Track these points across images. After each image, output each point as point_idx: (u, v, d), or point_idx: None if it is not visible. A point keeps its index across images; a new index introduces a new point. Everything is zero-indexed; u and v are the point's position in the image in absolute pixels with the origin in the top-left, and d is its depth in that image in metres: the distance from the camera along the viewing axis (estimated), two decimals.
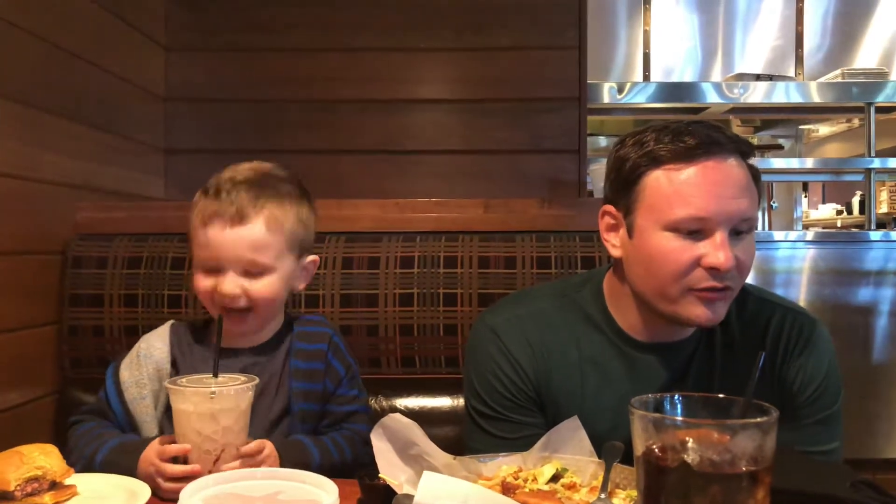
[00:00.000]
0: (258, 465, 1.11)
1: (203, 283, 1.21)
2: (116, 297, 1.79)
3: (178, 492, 0.83)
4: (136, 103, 2.36)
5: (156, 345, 1.30)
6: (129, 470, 1.10)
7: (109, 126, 2.15)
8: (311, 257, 1.33)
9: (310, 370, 1.30)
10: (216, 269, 1.20)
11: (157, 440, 1.11)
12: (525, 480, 1.05)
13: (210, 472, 1.04)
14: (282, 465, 1.13)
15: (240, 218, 1.18)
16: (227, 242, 1.18)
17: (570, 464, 1.09)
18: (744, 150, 1.16)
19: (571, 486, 1.04)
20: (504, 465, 1.10)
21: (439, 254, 1.82)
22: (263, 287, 1.21)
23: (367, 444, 1.25)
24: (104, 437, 1.19)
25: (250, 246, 1.18)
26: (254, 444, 1.12)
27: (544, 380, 1.26)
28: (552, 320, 1.29)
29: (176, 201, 2.33)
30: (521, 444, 1.18)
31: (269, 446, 1.14)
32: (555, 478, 1.06)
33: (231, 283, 1.18)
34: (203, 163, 2.51)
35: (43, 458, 1.01)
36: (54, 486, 1.01)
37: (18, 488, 0.97)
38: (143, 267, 1.80)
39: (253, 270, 1.20)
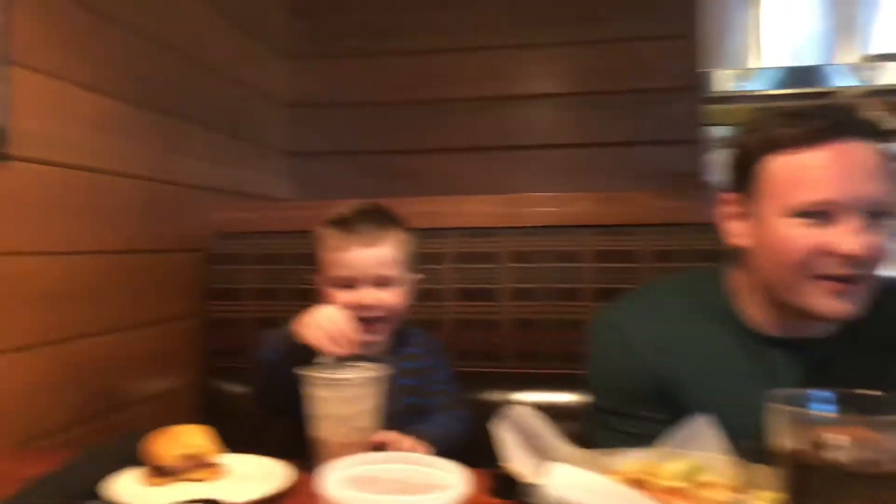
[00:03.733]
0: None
1: (343, 298, 1.40)
2: (251, 291, 1.90)
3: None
4: (263, 110, 2.49)
5: None
6: (290, 332, 1.24)
7: (240, 132, 2.28)
8: (417, 275, 1.52)
9: (414, 368, 1.47)
10: (353, 285, 1.40)
11: None
12: (654, 477, 1.04)
13: (341, 456, 1.10)
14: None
15: (372, 241, 1.40)
16: (364, 261, 1.40)
17: (703, 461, 1.07)
18: (873, 133, 1.10)
19: (705, 485, 1.02)
20: (633, 460, 1.09)
21: (556, 248, 1.82)
22: (393, 297, 1.42)
23: (464, 421, 1.44)
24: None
25: (382, 262, 1.41)
26: (387, 435, 1.20)
27: (669, 376, 1.24)
28: (676, 315, 1.27)
29: (301, 201, 2.44)
30: (647, 440, 1.16)
31: (403, 438, 1.23)
32: (687, 475, 1.05)
33: (369, 295, 1.39)
34: (324, 164, 2.65)
35: (197, 437, 1.09)
36: (207, 464, 1.09)
37: (176, 464, 1.06)
38: (274, 263, 1.90)
39: (384, 282, 1.41)
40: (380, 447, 1.17)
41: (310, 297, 1.43)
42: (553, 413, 1.11)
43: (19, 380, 1.38)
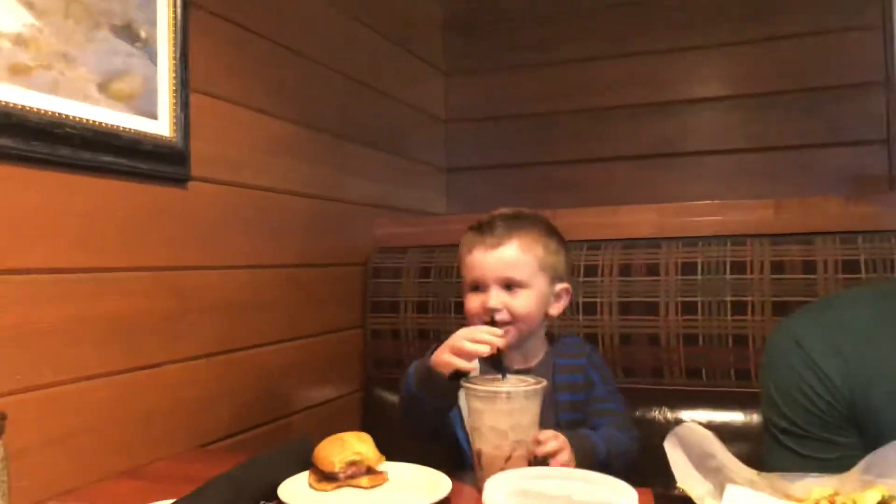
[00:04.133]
0: (556, 453, 1.15)
1: (472, 301, 1.39)
2: (410, 304, 1.94)
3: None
4: (421, 127, 2.56)
5: None
6: (426, 365, 1.23)
7: (399, 150, 2.36)
8: (563, 285, 1.44)
9: (572, 382, 1.41)
10: (482, 288, 1.38)
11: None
12: None
13: (502, 469, 1.08)
14: (575, 455, 1.18)
15: (498, 243, 1.37)
16: (488, 263, 1.37)
17: None
18: None
19: None
20: (816, 486, 0.99)
21: (725, 259, 1.71)
22: (521, 302, 1.36)
23: (633, 440, 1.36)
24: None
25: (506, 264, 1.37)
26: (549, 434, 1.16)
27: (861, 395, 1.12)
28: (868, 329, 1.14)
29: (457, 215, 2.47)
30: (832, 465, 1.06)
31: (561, 437, 1.18)
32: None
33: (495, 298, 1.36)
34: (480, 179, 2.67)
35: (361, 444, 1.12)
36: (369, 471, 1.12)
37: (341, 470, 1.09)
38: (432, 276, 1.94)
39: (511, 286, 1.37)
40: (540, 460, 1.15)
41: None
42: (721, 433, 1.04)
43: (201, 385, 1.49)
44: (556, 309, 1.44)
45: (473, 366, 1.19)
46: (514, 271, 1.36)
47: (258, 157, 1.67)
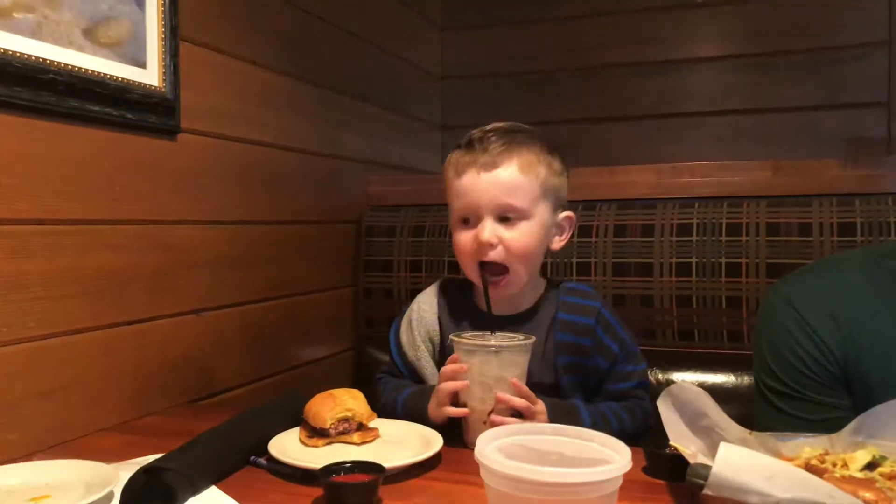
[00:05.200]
0: (532, 413, 1.11)
1: (462, 236, 1.21)
2: (403, 262, 1.93)
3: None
4: (417, 83, 2.51)
5: (424, 307, 1.35)
6: (424, 407, 1.18)
7: (394, 106, 2.32)
8: (567, 213, 1.27)
9: (576, 345, 1.24)
10: (473, 218, 1.20)
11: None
12: (833, 465, 0.94)
13: (485, 422, 1.09)
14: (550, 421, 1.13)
15: (493, 163, 1.17)
16: (482, 186, 1.17)
17: (891, 452, 0.95)
18: None
19: (894, 477, 0.91)
20: (807, 446, 0.99)
21: (721, 221, 1.70)
22: (520, 235, 1.18)
23: (649, 416, 1.24)
24: (403, 386, 1.30)
25: (504, 189, 1.16)
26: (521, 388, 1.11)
27: (853, 358, 1.12)
28: (862, 291, 1.14)
29: None
30: (823, 425, 1.06)
31: (540, 403, 1.14)
32: (870, 465, 0.94)
33: (488, 230, 1.17)
34: None
35: (352, 401, 1.11)
36: (360, 427, 1.11)
37: (333, 427, 1.09)
38: (426, 235, 1.92)
39: (508, 215, 1.18)
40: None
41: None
42: (712, 394, 1.04)
43: (191, 341, 1.47)
44: (558, 242, 1.26)
45: (467, 411, 1.13)
46: (512, 197, 1.16)
47: (250, 109, 1.64)
